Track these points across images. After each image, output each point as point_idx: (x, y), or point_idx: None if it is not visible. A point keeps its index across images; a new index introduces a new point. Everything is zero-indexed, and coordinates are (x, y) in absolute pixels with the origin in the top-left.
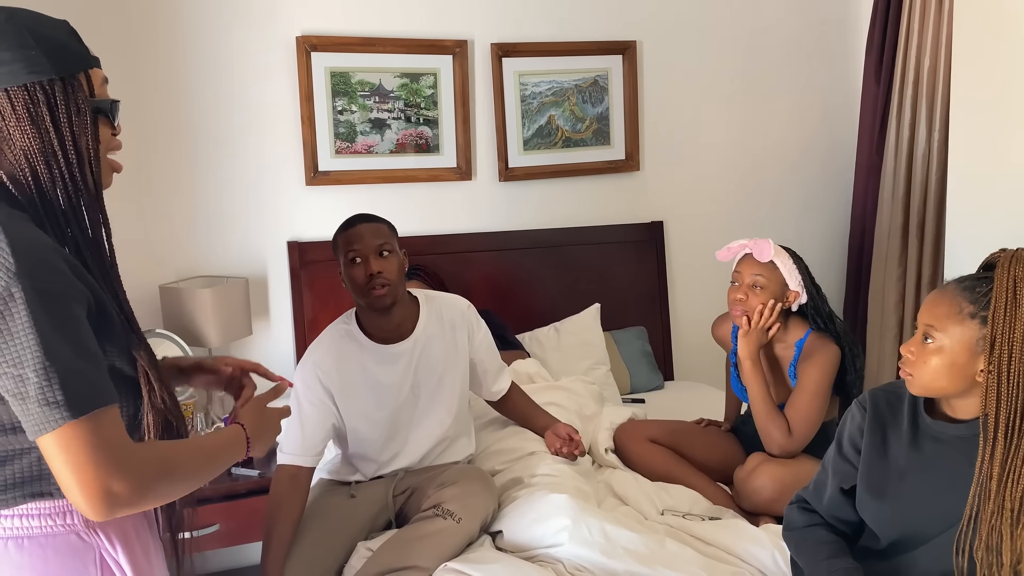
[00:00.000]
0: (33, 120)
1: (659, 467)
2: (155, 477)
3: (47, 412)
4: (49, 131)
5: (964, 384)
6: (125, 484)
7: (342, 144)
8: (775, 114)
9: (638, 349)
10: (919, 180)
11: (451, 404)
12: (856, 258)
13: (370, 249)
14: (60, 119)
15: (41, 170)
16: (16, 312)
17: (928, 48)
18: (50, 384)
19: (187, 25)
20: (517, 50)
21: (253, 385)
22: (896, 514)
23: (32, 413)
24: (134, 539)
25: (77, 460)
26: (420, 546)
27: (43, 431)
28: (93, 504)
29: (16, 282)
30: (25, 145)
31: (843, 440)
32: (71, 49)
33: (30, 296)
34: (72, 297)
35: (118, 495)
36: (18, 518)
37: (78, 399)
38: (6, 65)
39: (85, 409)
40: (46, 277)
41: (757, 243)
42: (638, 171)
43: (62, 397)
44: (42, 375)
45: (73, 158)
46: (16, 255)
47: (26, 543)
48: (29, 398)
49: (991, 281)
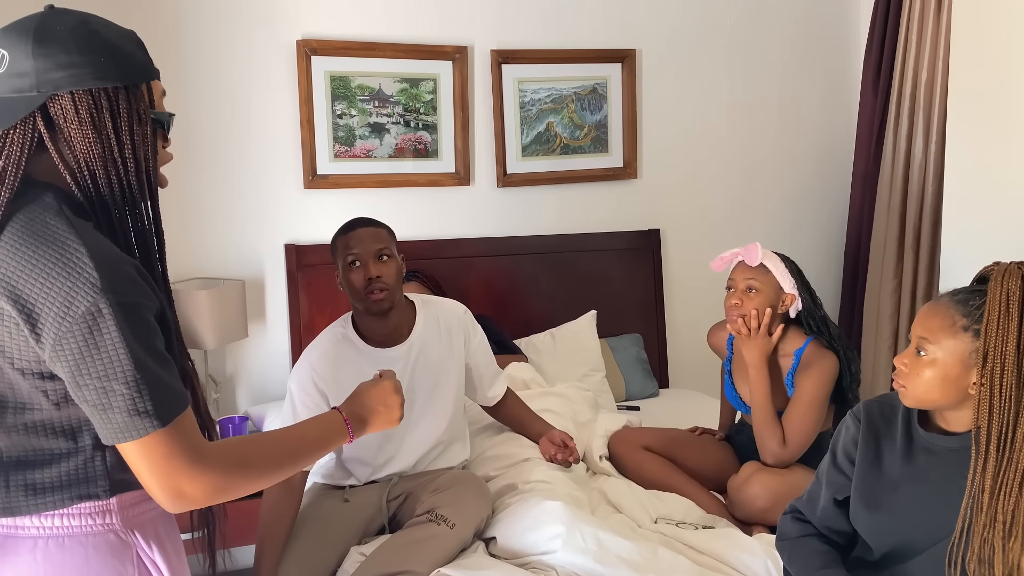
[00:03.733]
0: (95, 125)
1: (653, 475)
2: (228, 476)
3: (136, 421)
4: (110, 138)
5: (957, 397)
6: (196, 485)
7: (341, 148)
8: (773, 124)
9: (633, 356)
10: (915, 191)
11: (446, 409)
12: (852, 268)
13: (369, 253)
14: (121, 126)
15: (100, 176)
16: (105, 328)
17: (926, 59)
18: (141, 396)
19: (187, 28)
20: (517, 57)
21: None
22: (889, 525)
23: (115, 421)
24: (165, 539)
25: (157, 463)
26: (414, 551)
27: (129, 438)
28: (168, 502)
29: (103, 298)
30: (85, 150)
31: (837, 451)
32: (137, 59)
33: (116, 311)
34: (148, 307)
35: (190, 496)
36: (59, 516)
37: (164, 408)
38: (75, 68)
39: (170, 417)
40: (127, 290)
41: (747, 248)
42: (636, 179)
43: (152, 407)
44: (133, 388)
45: (131, 166)
46: (100, 270)
47: (67, 542)
48: (113, 408)
49: (984, 294)
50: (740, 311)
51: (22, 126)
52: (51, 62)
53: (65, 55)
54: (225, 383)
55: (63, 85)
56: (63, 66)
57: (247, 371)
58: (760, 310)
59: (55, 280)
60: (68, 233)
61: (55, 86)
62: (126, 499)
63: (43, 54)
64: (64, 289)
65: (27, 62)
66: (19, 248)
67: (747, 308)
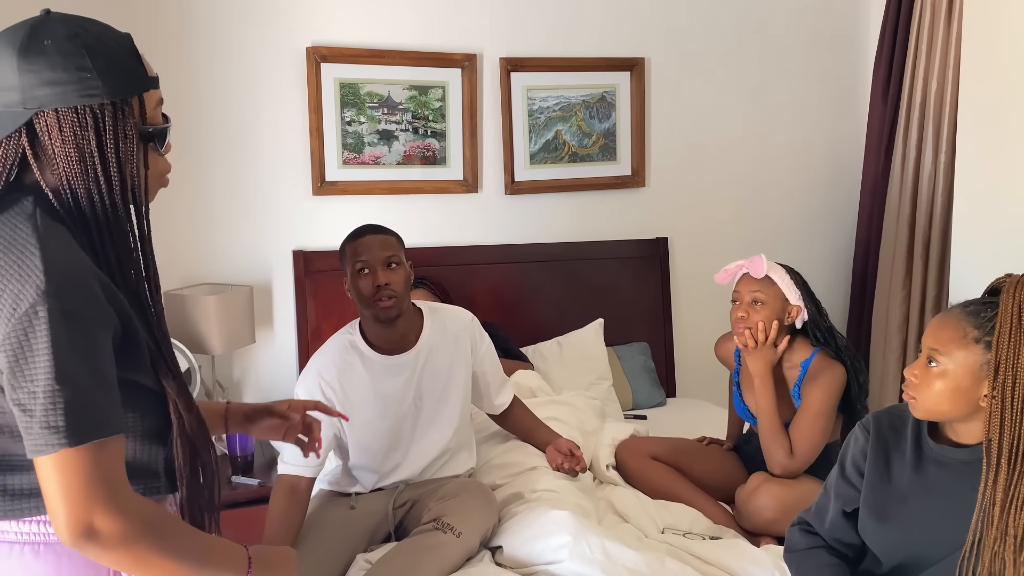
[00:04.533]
0: (77, 144)
1: (660, 485)
2: (141, 530)
3: (47, 435)
4: (94, 156)
5: (967, 409)
6: (109, 523)
7: (350, 155)
8: (781, 133)
9: (640, 365)
10: (925, 201)
11: (453, 416)
12: (860, 278)
13: (378, 261)
14: (107, 144)
15: (81, 194)
16: (40, 331)
17: (936, 69)
18: (55, 408)
19: (198, 34)
20: (525, 65)
21: (319, 423)
22: (898, 538)
23: (34, 432)
24: None
25: (67, 487)
26: (419, 559)
27: (40, 453)
28: (71, 533)
29: (43, 301)
30: (68, 168)
31: (846, 462)
32: (128, 71)
33: (55, 317)
34: (98, 322)
35: (98, 532)
36: (35, 523)
37: (80, 427)
38: (60, 85)
39: (85, 438)
40: (75, 300)
41: (751, 261)
42: (644, 187)
43: (63, 423)
44: (49, 397)
45: (116, 184)
46: (48, 274)
47: (42, 549)
48: (35, 417)
49: (996, 306)
50: (746, 324)
51: (7, 141)
52: (36, 78)
53: (50, 71)
54: (232, 389)
55: (48, 102)
56: (48, 83)
57: (254, 377)
58: (766, 323)
59: (8, 281)
60: (30, 236)
61: (40, 103)
62: None
63: (28, 69)
64: (14, 290)
65: (13, 76)
66: None
67: (753, 321)
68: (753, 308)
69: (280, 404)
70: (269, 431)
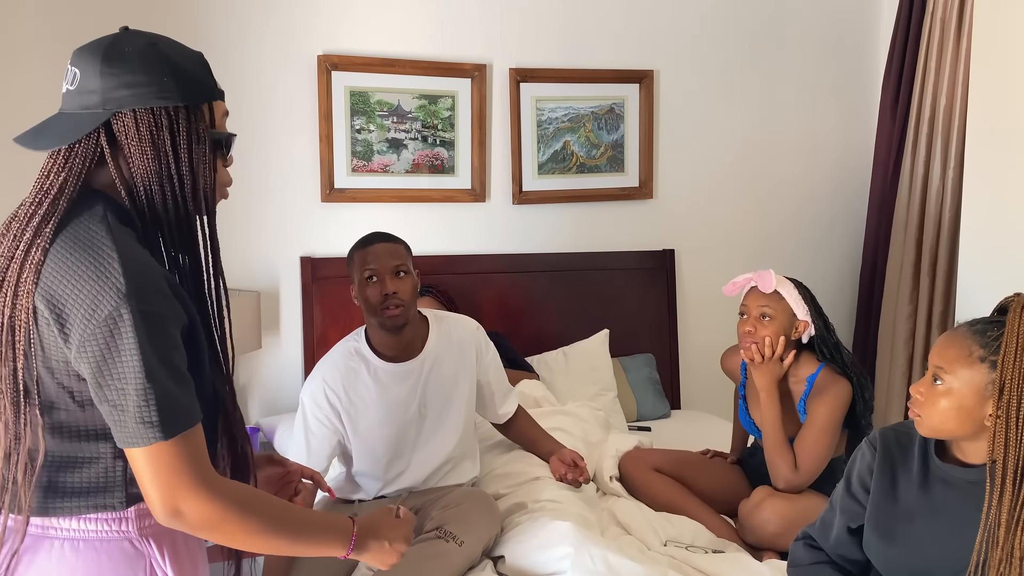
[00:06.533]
0: (154, 143)
1: (663, 497)
2: (226, 511)
3: (142, 430)
4: (168, 155)
5: (973, 428)
6: (195, 508)
7: (358, 162)
8: (790, 146)
9: (646, 376)
10: (932, 216)
11: (457, 424)
12: (867, 293)
13: (387, 269)
14: (180, 145)
15: (155, 192)
16: (125, 333)
17: (945, 84)
18: (147, 405)
19: (210, 41)
20: (535, 75)
21: (310, 491)
22: (903, 556)
23: (128, 426)
24: (183, 550)
25: (157, 474)
26: (421, 568)
27: (135, 445)
28: (163, 515)
29: (126, 303)
30: (144, 166)
31: (852, 478)
32: (200, 80)
33: (136, 318)
34: (172, 320)
35: (185, 516)
36: (76, 520)
37: (170, 421)
38: (139, 87)
39: (176, 431)
40: (152, 300)
41: (760, 275)
42: (651, 199)
43: (157, 419)
44: (141, 395)
45: (188, 184)
46: (127, 276)
47: (81, 546)
48: (128, 413)
49: (1003, 325)
50: (753, 338)
51: (86, 141)
52: (117, 81)
53: (131, 75)
54: (238, 394)
55: (126, 103)
56: (128, 85)
57: (260, 382)
58: (773, 338)
59: (85, 283)
60: (105, 239)
61: (119, 104)
62: (144, 508)
63: (110, 73)
64: (92, 292)
65: (95, 80)
66: (61, 253)
67: (760, 335)
68: (760, 323)
69: (280, 456)
70: (266, 479)
